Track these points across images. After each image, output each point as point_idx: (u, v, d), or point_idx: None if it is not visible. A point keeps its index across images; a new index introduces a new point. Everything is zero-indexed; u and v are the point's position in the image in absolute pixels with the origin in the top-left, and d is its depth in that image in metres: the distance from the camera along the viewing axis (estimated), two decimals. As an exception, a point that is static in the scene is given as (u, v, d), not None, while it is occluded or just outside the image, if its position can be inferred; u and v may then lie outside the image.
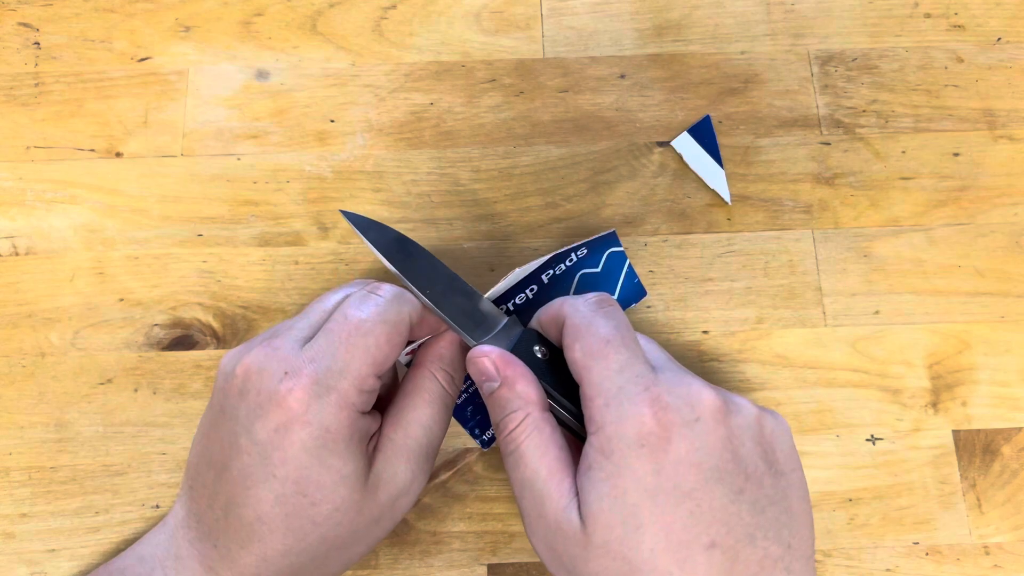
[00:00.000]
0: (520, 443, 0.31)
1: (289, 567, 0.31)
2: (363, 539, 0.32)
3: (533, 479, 0.30)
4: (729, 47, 0.46)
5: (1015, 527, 0.38)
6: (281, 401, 0.30)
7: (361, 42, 0.46)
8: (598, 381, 0.30)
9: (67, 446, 0.39)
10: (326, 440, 0.30)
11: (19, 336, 0.40)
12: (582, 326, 0.31)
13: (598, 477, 0.29)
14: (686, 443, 0.28)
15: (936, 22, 0.46)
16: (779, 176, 0.43)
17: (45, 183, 0.43)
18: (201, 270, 0.41)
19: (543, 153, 0.44)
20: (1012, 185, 0.43)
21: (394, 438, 0.32)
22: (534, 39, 0.46)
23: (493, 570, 0.37)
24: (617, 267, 0.40)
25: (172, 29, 0.46)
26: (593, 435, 0.29)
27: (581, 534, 0.29)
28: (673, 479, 0.28)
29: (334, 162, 0.44)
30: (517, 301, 0.39)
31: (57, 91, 0.45)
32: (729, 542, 0.28)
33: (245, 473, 0.30)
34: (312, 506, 0.30)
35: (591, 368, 0.30)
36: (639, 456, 0.28)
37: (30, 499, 0.38)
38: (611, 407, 0.29)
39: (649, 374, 0.30)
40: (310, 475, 0.30)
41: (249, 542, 0.30)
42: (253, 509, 0.30)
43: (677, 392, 0.29)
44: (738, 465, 0.29)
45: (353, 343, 0.30)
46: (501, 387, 0.32)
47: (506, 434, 0.31)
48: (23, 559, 0.37)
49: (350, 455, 0.30)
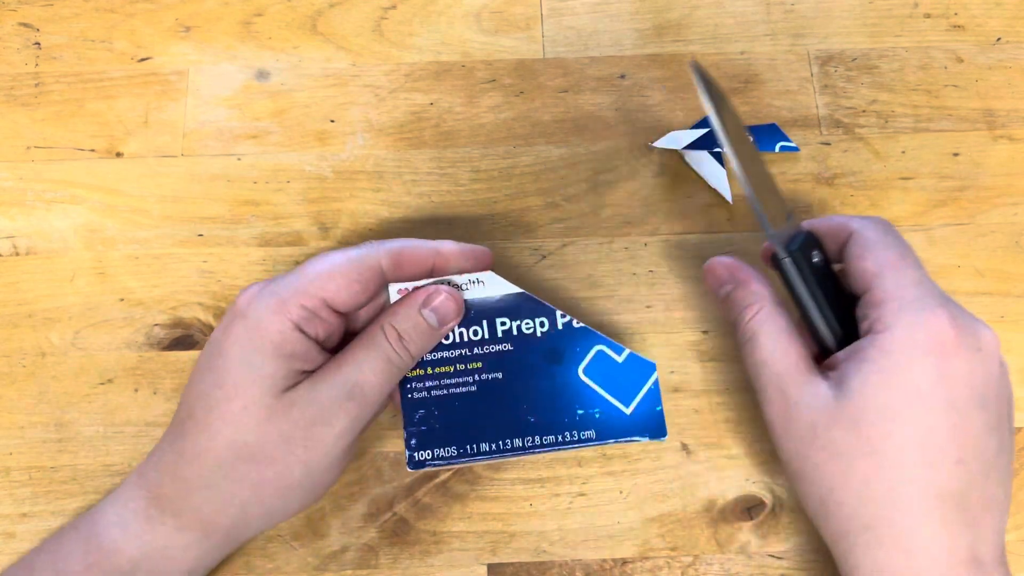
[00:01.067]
0: (757, 330, 0.33)
1: (199, 468, 0.32)
2: (272, 460, 0.32)
3: (770, 359, 0.33)
4: (729, 47, 0.46)
5: (1016, 527, 0.38)
6: (233, 307, 0.33)
7: (361, 42, 0.46)
8: (893, 288, 0.32)
9: (67, 446, 0.39)
10: (254, 336, 0.32)
11: (19, 336, 0.40)
12: (876, 239, 0.33)
13: (870, 368, 0.31)
14: (967, 365, 0.30)
15: (936, 22, 0.46)
16: (779, 176, 0.43)
17: (45, 183, 0.43)
18: (201, 270, 0.41)
19: (543, 153, 0.44)
20: (1012, 185, 0.43)
21: (325, 370, 0.33)
22: (534, 39, 0.46)
23: (493, 570, 0.37)
24: (643, 376, 0.36)
25: (172, 29, 0.46)
26: (878, 334, 0.31)
27: (832, 404, 0.31)
28: (947, 391, 0.30)
29: (334, 162, 0.44)
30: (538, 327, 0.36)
31: (57, 91, 0.45)
32: (974, 467, 0.30)
33: (195, 372, 0.33)
34: (226, 400, 0.31)
35: (886, 276, 0.32)
36: (922, 362, 0.30)
37: (31, 499, 0.38)
38: (906, 312, 0.31)
39: (944, 295, 0.32)
40: (231, 369, 0.32)
41: (175, 439, 0.33)
42: (186, 404, 0.33)
43: (966, 319, 0.31)
44: (998, 405, 0.31)
45: (311, 269, 0.33)
46: (736, 288, 0.35)
47: (743, 324, 0.34)
48: (23, 559, 0.37)
49: (273, 359, 0.32)
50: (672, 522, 0.38)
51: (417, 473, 0.38)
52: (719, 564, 0.37)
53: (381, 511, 0.38)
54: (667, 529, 0.38)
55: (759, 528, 0.38)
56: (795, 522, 0.38)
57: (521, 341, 0.36)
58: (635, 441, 0.35)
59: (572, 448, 0.35)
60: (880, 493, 0.30)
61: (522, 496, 0.38)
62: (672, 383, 0.40)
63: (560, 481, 0.38)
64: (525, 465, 0.38)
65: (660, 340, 0.40)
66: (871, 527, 0.30)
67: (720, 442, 0.39)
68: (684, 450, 0.39)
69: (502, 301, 0.36)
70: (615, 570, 0.37)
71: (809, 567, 0.37)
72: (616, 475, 0.38)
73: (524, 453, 0.35)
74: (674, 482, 0.38)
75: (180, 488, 0.32)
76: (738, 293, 0.35)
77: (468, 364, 0.35)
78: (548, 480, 0.38)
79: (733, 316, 0.35)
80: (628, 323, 0.41)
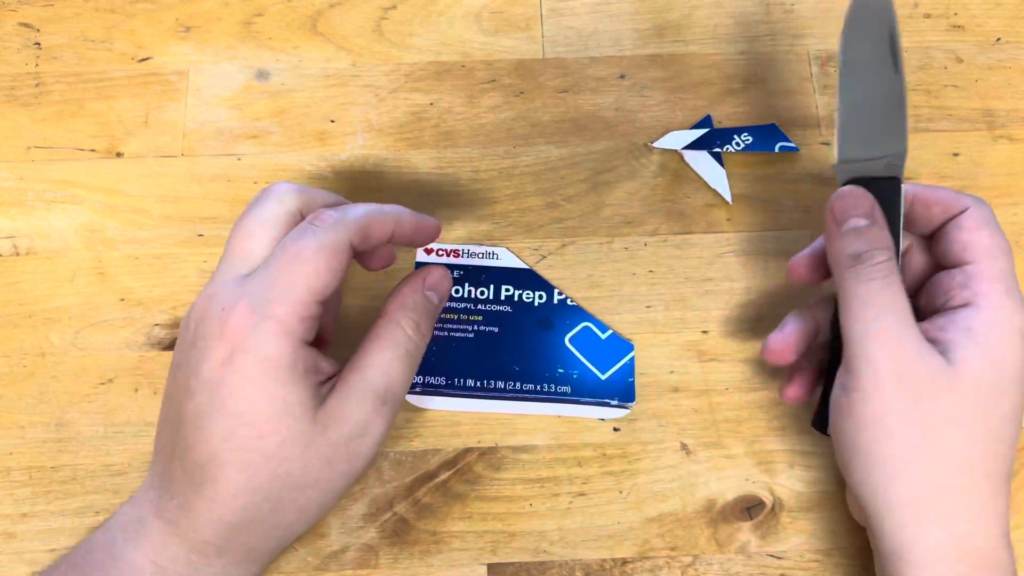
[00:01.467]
0: (888, 274, 0.32)
1: (243, 509, 0.30)
2: (317, 482, 0.31)
3: (892, 307, 0.32)
4: (729, 47, 0.46)
5: (1015, 526, 0.38)
6: (220, 335, 0.30)
7: (361, 42, 0.46)
8: (1000, 271, 0.33)
9: (68, 446, 0.39)
10: (267, 368, 0.30)
11: (20, 336, 0.40)
12: (991, 220, 0.34)
13: (981, 343, 0.32)
14: None
15: (936, 22, 0.46)
16: (779, 176, 0.43)
17: (46, 183, 0.43)
18: (202, 270, 0.42)
19: (543, 153, 0.44)
20: (1012, 185, 0.43)
21: (349, 379, 0.32)
22: (534, 39, 0.46)
23: (493, 570, 0.37)
24: (622, 352, 0.40)
25: (172, 29, 0.46)
26: (985, 309, 0.32)
27: (942, 371, 0.31)
28: None
29: (334, 162, 0.44)
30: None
31: (58, 91, 0.45)
32: (1015, 453, 0.32)
33: (196, 414, 0.30)
34: (260, 439, 0.30)
35: (997, 257, 0.33)
36: (1020, 344, 0.32)
37: (31, 499, 0.38)
38: (1011, 297, 0.32)
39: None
40: (255, 406, 0.30)
41: (202, 485, 0.30)
42: (205, 447, 0.30)
43: None
44: None
45: (290, 270, 0.31)
46: (874, 225, 0.33)
47: (871, 265, 0.32)
48: (24, 559, 0.37)
49: (294, 384, 0.30)
50: (672, 522, 0.38)
51: (417, 472, 0.38)
52: (719, 564, 0.37)
53: (381, 511, 0.38)
54: (667, 529, 0.38)
55: (759, 528, 0.38)
56: (795, 522, 0.38)
57: (520, 307, 0.41)
58: (605, 404, 0.39)
59: (547, 402, 0.39)
60: (968, 465, 0.31)
61: (522, 496, 0.38)
62: (672, 383, 0.40)
63: (560, 481, 0.38)
64: (525, 465, 0.39)
65: (660, 340, 0.40)
66: (945, 498, 0.31)
67: (720, 442, 0.39)
68: (684, 450, 0.39)
69: (510, 273, 0.41)
70: (615, 570, 0.37)
71: (809, 567, 0.37)
72: (616, 475, 0.38)
73: (504, 397, 0.39)
74: (674, 482, 0.38)
75: (223, 531, 0.31)
76: (875, 231, 0.33)
77: (470, 316, 0.40)
78: (548, 480, 0.38)
79: (857, 250, 0.33)
80: (628, 323, 0.41)
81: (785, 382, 0.37)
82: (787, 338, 0.35)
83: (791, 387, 0.37)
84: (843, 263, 0.33)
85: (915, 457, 0.31)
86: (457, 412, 0.39)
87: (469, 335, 0.40)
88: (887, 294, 0.32)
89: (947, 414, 0.31)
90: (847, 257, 0.33)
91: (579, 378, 0.39)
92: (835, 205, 0.34)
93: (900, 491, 0.31)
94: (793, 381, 0.37)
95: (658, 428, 0.39)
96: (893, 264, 0.33)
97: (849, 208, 0.34)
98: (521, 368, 0.39)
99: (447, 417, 0.39)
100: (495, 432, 0.39)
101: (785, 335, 0.35)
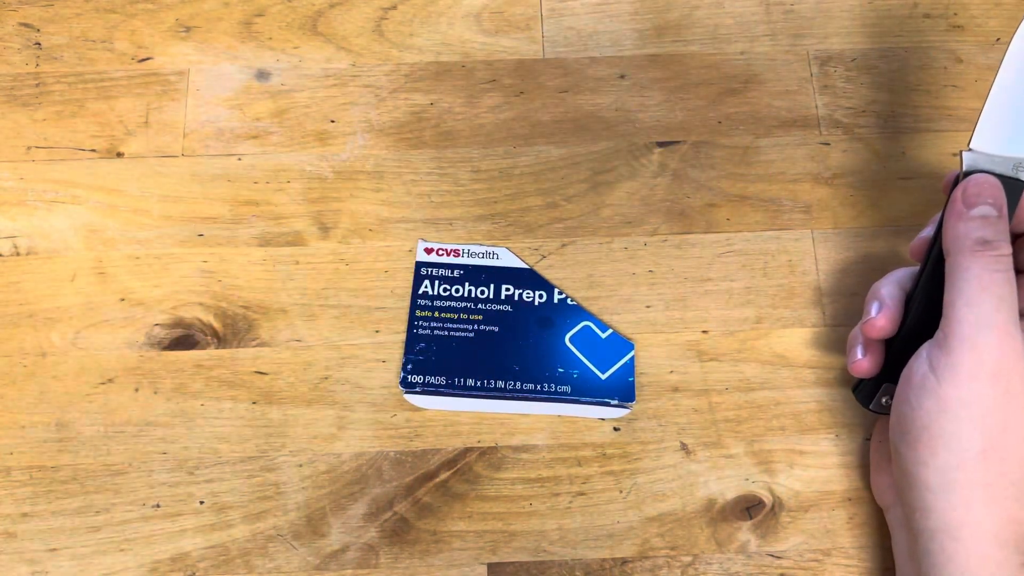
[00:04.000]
0: (1008, 267, 0.32)
1: None
2: None
3: (1009, 298, 0.32)
4: (729, 47, 0.46)
5: (1014, 526, 0.38)
6: None
7: (361, 42, 0.46)
8: None
9: (68, 446, 0.39)
10: None
11: (20, 336, 0.40)
12: None
13: None
14: None
15: (935, 22, 0.46)
16: (779, 176, 0.43)
17: (46, 183, 0.43)
18: (202, 270, 0.42)
19: (543, 153, 0.44)
20: (1011, 185, 0.43)
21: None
22: (534, 39, 0.46)
23: (493, 570, 0.37)
24: (622, 351, 0.40)
25: (172, 29, 0.46)
26: None
27: None
28: None
29: (335, 162, 0.44)
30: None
31: (58, 91, 0.45)
32: None
33: None
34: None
35: None
36: None
37: (31, 498, 0.38)
38: None
39: None
40: None
41: None
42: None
43: None
44: None
45: None
46: (1000, 220, 0.33)
47: (991, 255, 0.32)
48: (24, 558, 0.37)
49: None
50: (671, 521, 0.38)
51: (417, 472, 0.38)
52: (718, 564, 0.37)
53: (381, 510, 0.38)
54: (666, 528, 0.38)
55: (758, 528, 0.38)
56: (795, 522, 0.38)
57: (520, 306, 0.41)
58: (605, 404, 0.39)
59: (548, 402, 0.39)
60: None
61: (522, 496, 0.38)
62: (672, 383, 0.40)
63: (560, 481, 0.38)
64: (525, 465, 0.39)
65: (660, 340, 0.41)
66: (1012, 486, 0.32)
67: (720, 442, 0.39)
68: (684, 450, 0.39)
69: (510, 272, 0.41)
70: (615, 570, 0.37)
71: (809, 567, 0.37)
72: (616, 474, 0.38)
73: (504, 397, 0.39)
74: (673, 482, 0.38)
75: None
76: (1002, 224, 0.33)
77: (471, 315, 0.41)
78: (548, 480, 0.38)
79: (986, 237, 0.32)
80: (628, 323, 0.41)
81: (859, 354, 0.37)
82: (891, 312, 0.35)
83: (866, 359, 0.36)
84: (966, 247, 0.32)
85: (992, 446, 0.31)
86: (457, 412, 0.39)
87: (469, 334, 0.40)
88: (1007, 288, 0.32)
89: None
90: (973, 241, 0.32)
91: (579, 378, 0.39)
92: (968, 188, 0.33)
93: (968, 475, 0.32)
94: (868, 352, 0.36)
95: (658, 428, 0.39)
96: (1011, 260, 0.32)
97: (983, 194, 0.33)
98: (521, 368, 0.40)
99: (447, 417, 0.39)
100: (495, 432, 0.39)
101: (890, 310, 0.35)
